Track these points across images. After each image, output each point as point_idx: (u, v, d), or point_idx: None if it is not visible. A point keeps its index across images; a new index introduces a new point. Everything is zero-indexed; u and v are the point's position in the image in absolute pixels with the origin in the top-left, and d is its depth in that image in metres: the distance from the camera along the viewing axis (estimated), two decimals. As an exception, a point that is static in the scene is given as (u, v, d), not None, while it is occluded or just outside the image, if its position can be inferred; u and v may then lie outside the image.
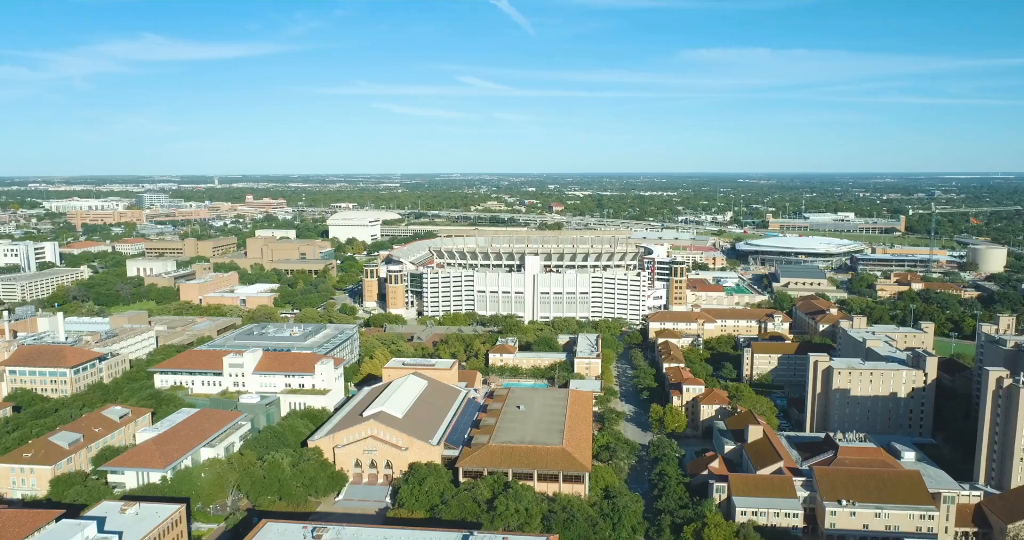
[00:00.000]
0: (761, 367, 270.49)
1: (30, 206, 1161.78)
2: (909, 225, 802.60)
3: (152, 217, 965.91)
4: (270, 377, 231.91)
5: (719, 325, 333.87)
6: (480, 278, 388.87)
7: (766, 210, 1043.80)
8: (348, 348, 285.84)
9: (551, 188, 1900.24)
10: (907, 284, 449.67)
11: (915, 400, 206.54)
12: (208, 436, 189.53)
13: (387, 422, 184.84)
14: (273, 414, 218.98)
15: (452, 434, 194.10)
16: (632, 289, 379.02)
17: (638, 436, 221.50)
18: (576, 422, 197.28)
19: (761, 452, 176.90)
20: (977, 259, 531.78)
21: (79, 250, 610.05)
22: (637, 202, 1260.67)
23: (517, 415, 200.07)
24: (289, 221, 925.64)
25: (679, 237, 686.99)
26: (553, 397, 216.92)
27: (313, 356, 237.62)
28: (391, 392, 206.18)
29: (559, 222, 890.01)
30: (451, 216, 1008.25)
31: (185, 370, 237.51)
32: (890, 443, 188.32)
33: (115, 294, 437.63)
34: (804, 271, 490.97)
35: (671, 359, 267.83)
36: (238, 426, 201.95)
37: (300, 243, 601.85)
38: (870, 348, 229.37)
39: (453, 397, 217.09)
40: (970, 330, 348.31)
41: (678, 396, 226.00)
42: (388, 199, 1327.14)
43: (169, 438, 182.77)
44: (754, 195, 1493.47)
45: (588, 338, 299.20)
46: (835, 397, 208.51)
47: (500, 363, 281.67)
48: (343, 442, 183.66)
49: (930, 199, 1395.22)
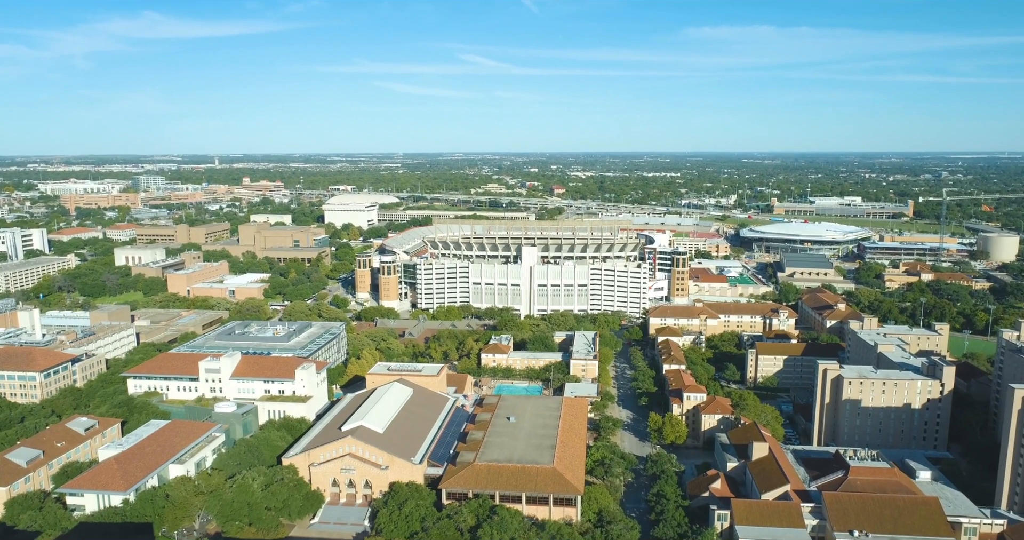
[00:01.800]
0: (766, 369, 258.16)
1: (26, 188, 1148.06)
2: (917, 210, 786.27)
3: (147, 201, 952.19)
4: (248, 383, 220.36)
5: (722, 321, 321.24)
6: (475, 270, 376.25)
7: (771, 193, 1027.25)
8: (335, 347, 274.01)
9: (553, 169, 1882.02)
10: (916, 274, 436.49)
11: (930, 411, 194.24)
12: (177, 451, 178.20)
13: (366, 438, 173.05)
14: (250, 423, 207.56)
15: (437, 448, 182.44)
16: (632, 281, 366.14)
17: (635, 446, 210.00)
18: (569, 435, 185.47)
19: (766, 473, 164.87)
20: (988, 247, 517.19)
21: (69, 237, 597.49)
22: (640, 184, 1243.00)
23: (506, 428, 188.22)
24: (286, 205, 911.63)
25: (682, 223, 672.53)
26: (546, 406, 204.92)
27: (294, 360, 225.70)
28: (373, 402, 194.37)
29: (559, 206, 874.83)
30: (451, 199, 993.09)
31: (160, 375, 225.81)
32: (904, 460, 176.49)
33: (101, 285, 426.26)
34: (810, 260, 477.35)
35: (672, 360, 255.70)
36: (211, 438, 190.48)
37: (294, 230, 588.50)
38: (882, 353, 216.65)
39: (440, 407, 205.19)
40: (982, 325, 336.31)
41: (678, 404, 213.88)
42: (388, 181, 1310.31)
43: (134, 455, 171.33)
44: (758, 177, 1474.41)
45: (585, 336, 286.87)
46: (845, 407, 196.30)
47: (493, 363, 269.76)
48: (319, 460, 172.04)
49: (937, 180, 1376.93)
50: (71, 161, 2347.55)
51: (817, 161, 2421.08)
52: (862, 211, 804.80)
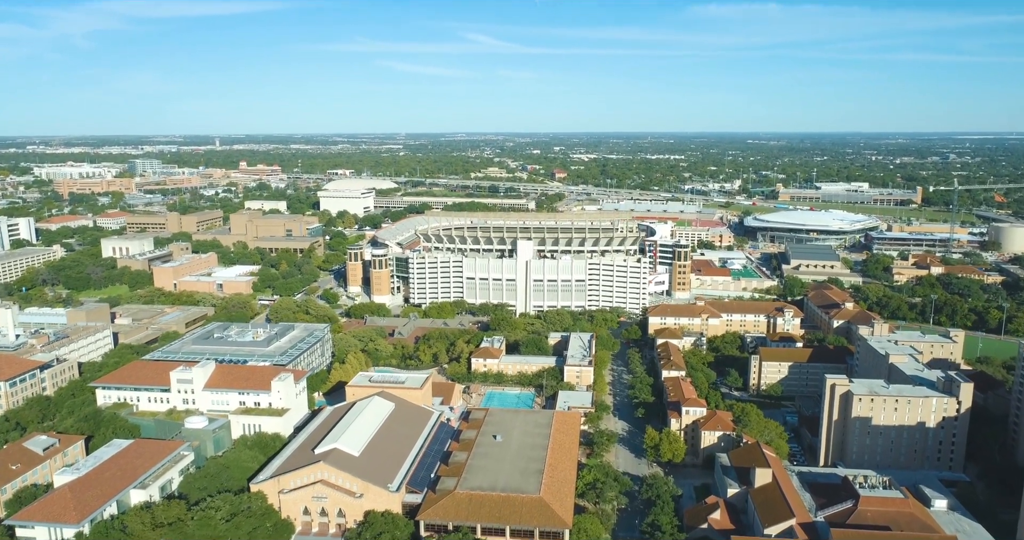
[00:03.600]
0: (770, 376, 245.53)
1: (21, 172, 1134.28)
2: (926, 197, 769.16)
3: (142, 186, 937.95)
4: (222, 394, 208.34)
5: (724, 320, 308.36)
6: (469, 264, 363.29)
7: (776, 178, 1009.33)
8: (318, 351, 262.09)
9: (556, 150, 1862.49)
10: (926, 267, 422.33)
11: (945, 431, 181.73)
12: (140, 474, 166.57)
13: (340, 464, 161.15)
14: (222, 439, 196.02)
15: (418, 471, 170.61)
16: (632, 276, 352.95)
17: (631, 463, 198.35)
18: (559, 457, 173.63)
19: (770, 503, 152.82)
20: (1000, 238, 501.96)
21: (57, 225, 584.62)
22: (643, 168, 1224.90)
23: (492, 448, 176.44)
24: (282, 191, 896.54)
25: (684, 210, 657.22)
26: (535, 422, 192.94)
27: (270, 370, 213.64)
28: (351, 419, 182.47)
29: (559, 193, 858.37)
30: (449, 184, 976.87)
31: (130, 385, 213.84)
32: (917, 485, 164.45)
33: (86, 278, 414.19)
34: (816, 252, 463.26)
35: (671, 365, 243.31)
36: (179, 457, 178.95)
37: (287, 219, 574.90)
38: (894, 365, 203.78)
39: (422, 423, 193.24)
40: (995, 323, 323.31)
41: (676, 419, 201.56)
42: (387, 165, 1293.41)
43: (91, 481, 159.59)
44: (763, 159, 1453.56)
45: (581, 339, 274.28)
46: (854, 425, 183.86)
47: (484, 369, 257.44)
48: (290, 486, 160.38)
49: (945, 163, 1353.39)
50: (71, 142, 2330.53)
51: (823, 142, 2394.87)
52: (869, 198, 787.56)
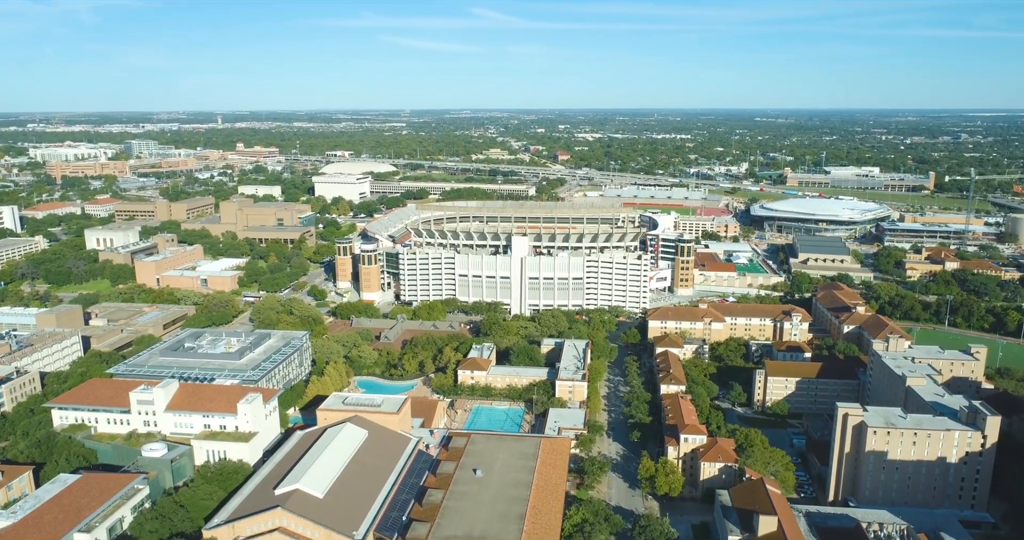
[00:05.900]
0: (776, 392, 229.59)
1: (16, 153, 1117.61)
2: (939, 182, 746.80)
3: (136, 168, 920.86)
4: (185, 416, 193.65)
5: (728, 324, 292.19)
6: (462, 261, 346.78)
7: (784, 160, 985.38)
8: (296, 361, 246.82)
9: (561, 129, 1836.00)
10: (940, 262, 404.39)
11: (968, 467, 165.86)
12: (87, 515, 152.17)
13: (301, 509, 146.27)
14: (183, 468, 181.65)
15: (389, 511, 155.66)
16: (632, 274, 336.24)
17: (624, 495, 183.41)
18: (544, 496, 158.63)
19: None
20: (1017, 230, 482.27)
21: (44, 213, 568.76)
22: (648, 149, 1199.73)
23: (471, 485, 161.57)
24: (277, 174, 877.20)
25: (689, 197, 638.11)
26: (520, 452, 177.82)
27: (237, 391, 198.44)
28: (319, 451, 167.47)
29: (561, 177, 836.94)
30: (449, 168, 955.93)
31: (88, 406, 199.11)
32: (938, 532, 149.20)
33: (67, 272, 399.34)
34: (825, 245, 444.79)
35: (670, 379, 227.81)
36: (132, 493, 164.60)
37: (278, 207, 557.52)
38: (911, 389, 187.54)
39: (398, 453, 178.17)
40: (1014, 326, 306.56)
41: (674, 446, 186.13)
42: (388, 145, 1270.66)
43: (27, 527, 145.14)
44: (771, 139, 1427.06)
45: (576, 346, 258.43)
46: (868, 459, 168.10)
47: (471, 381, 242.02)
48: (245, 533, 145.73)
49: (956, 143, 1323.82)
50: (73, 120, 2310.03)
51: (832, 119, 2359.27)
52: (880, 183, 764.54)
